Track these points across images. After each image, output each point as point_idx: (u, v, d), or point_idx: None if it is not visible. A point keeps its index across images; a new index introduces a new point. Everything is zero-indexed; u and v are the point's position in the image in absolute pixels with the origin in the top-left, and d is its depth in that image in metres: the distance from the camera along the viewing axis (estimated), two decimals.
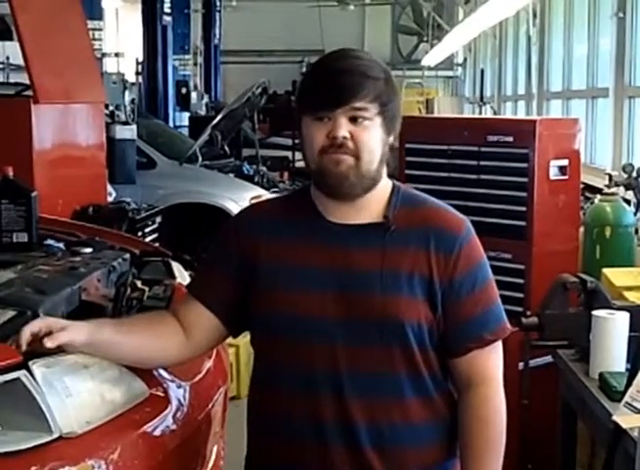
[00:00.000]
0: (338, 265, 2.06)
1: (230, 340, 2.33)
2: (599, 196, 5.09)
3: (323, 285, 2.05)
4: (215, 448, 2.81)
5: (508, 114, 16.91)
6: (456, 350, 2.11)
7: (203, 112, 17.50)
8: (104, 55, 16.74)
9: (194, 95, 17.95)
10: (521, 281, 4.07)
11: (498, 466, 2.13)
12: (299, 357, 2.05)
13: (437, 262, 2.07)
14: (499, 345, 2.15)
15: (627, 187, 5.90)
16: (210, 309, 2.17)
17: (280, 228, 2.14)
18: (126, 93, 9.53)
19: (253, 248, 2.13)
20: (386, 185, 2.15)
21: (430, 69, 22.12)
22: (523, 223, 4.08)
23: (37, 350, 2.09)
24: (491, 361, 2.14)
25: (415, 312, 2.05)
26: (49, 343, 2.06)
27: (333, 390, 2.04)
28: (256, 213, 2.24)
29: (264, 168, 10.93)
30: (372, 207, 2.11)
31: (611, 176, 5.98)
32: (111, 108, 9.11)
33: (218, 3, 21.29)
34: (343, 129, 2.02)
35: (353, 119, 2.03)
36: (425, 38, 23.16)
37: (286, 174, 11.66)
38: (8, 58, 14.49)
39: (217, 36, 21.14)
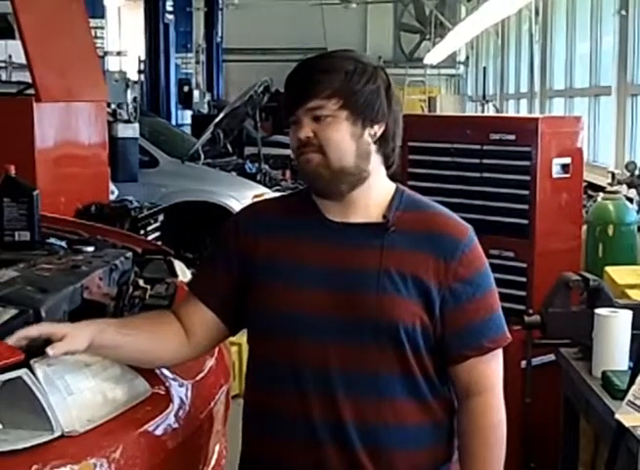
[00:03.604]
0: (334, 264, 2.05)
1: (232, 338, 2.33)
2: (602, 194, 5.10)
3: (319, 283, 2.05)
4: (217, 447, 2.81)
5: (510, 112, 16.92)
6: (455, 357, 2.09)
7: (205, 110, 17.53)
8: (106, 53, 16.78)
9: (196, 93, 17.98)
10: (523, 279, 4.06)
11: None
12: (292, 355, 2.05)
13: (437, 267, 2.05)
14: (499, 353, 2.13)
15: (630, 185, 5.91)
16: (211, 309, 2.17)
17: (279, 226, 2.13)
18: (128, 91, 9.54)
19: (253, 246, 2.12)
20: (387, 187, 2.14)
21: (432, 67, 22.15)
22: (525, 221, 4.07)
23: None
24: (491, 370, 2.12)
25: (410, 314, 2.03)
26: (51, 352, 2.04)
27: (324, 389, 2.03)
28: (257, 212, 2.23)
29: (267, 167, 10.93)
30: (369, 207, 2.10)
31: (613, 174, 6.00)
32: (113, 106, 9.11)
33: (220, 1, 21.31)
34: (305, 130, 2.03)
35: (316, 118, 2.04)
36: (427, 36, 23.17)
37: (288, 173, 11.66)
38: (10, 56, 14.53)
39: (219, 34, 21.14)
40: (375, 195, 2.11)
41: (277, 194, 7.08)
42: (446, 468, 2.15)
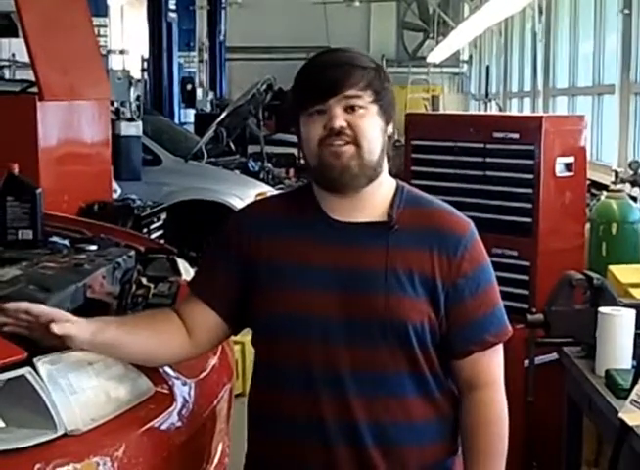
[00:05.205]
0: (340, 264, 2.05)
1: (235, 337, 2.33)
2: (605, 193, 5.09)
3: (325, 284, 2.04)
4: (220, 445, 2.81)
5: (513, 110, 16.90)
6: (458, 351, 2.10)
7: (208, 108, 17.49)
8: (109, 52, 16.75)
9: (199, 92, 17.94)
10: (526, 278, 4.05)
11: (502, 467, 2.13)
12: (301, 357, 2.05)
13: (441, 264, 2.06)
14: (500, 347, 2.15)
15: (633, 184, 5.90)
16: (212, 308, 2.16)
17: (282, 226, 2.12)
18: (132, 90, 9.51)
19: (255, 246, 2.12)
20: (390, 184, 2.15)
21: (435, 65, 22.12)
22: (528, 220, 4.07)
23: (39, 339, 2.10)
24: (493, 364, 2.14)
25: (418, 313, 2.04)
26: (55, 328, 2.06)
27: (334, 389, 2.03)
28: (258, 211, 2.22)
29: (270, 165, 10.92)
30: (375, 205, 2.10)
31: (617, 173, 5.98)
32: (116, 104, 9.10)
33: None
34: (340, 119, 2.01)
35: (349, 109, 2.02)
36: (430, 35, 23.16)
37: (291, 171, 11.65)
38: (13, 55, 14.51)
39: (222, 33, 21.12)
40: (382, 191, 2.12)
41: (279, 192, 7.07)
42: (452, 462, 2.16)
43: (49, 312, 2.13)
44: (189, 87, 17.35)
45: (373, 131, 2.05)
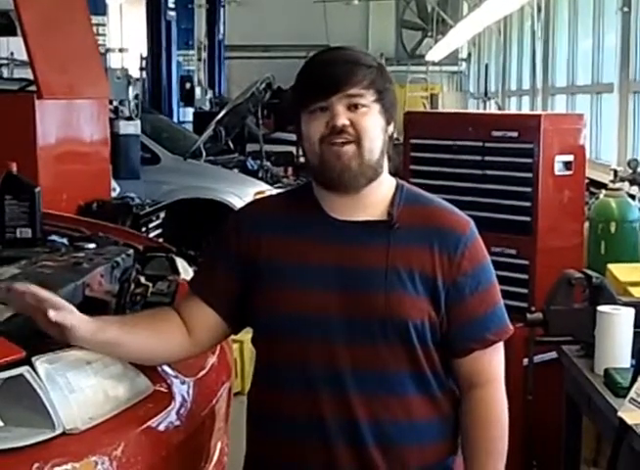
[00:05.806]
0: (341, 263, 2.05)
1: (234, 335, 2.32)
2: (604, 191, 5.10)
3: (325, 283, 2.04)
4: (219, 444, 2.80)
5: (512, 109, 16.91)
6: (459, 350, 2.10)
7: (207, 107, 17.49)
8: (108, 50, 16.76)
9: (198, 90, 17.94)
10: (525, 277, 4.06)
11: (502, 466, 2.13)
12: (301, 356, 2.05)
13: (441, 262, 2.06)
14: (501, 346, 2.15)
15: (632, 182, 5.91)
16: (212, 307, 2.16)
17: (282, 225, 2.12)
18: (130, 88, 9.50)
19: (255, 245, 2.12)
20: (390, 183, 2.15)
21: (434, 64, 22.16)
22: (527, 219, 4.07)
23: (40, 325, 2.09)
24: (494, 362, 2.14)
25: (419, 311, 2.04)
26: (52, 314, 2.05)
27: (335, 388, 2.03)
28: (258, 210, 2.22)
29: (268, 164, 10.91)
30: (375, 204, 2.10)
31: (616, 172, 5.99)
32: (115, 103, 9.09)
33: None
34: (342, 117, 2.01)
35: (351, 107, 2.02)
36: (429, 33, 23.20)
37: (290, 170, 11.64)
38: (12, 53, 14.50)
39: (221, 31, 21.12)
40: (382, 190, 2.12)
41: (279, 191, 7.08)
42: (452, 461, 2.16)
43: (54, 300, 2.11)
44: (188, 86, 17.34)
45: (374, 130, 2.05)
